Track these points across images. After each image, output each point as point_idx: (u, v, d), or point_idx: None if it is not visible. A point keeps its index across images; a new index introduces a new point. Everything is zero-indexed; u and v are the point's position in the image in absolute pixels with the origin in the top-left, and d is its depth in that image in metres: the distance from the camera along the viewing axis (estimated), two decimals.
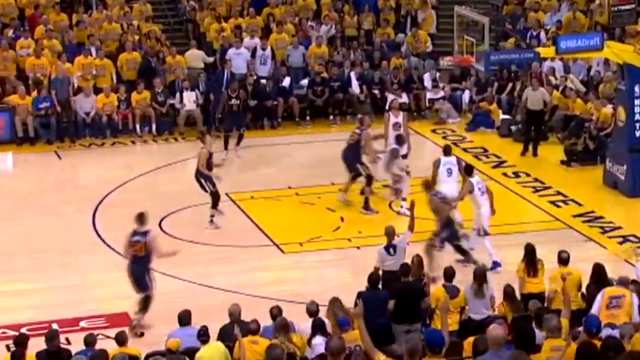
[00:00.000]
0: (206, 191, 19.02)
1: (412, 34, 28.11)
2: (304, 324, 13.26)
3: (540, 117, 23.83)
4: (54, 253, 18.24)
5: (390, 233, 15.50)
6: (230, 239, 18.62)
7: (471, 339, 11.32)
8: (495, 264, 17.09)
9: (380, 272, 14.77)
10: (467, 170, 18.03)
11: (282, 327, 12.58)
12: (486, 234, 17.32)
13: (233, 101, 23.06)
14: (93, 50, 26.06)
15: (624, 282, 13.42)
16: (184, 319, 13.22)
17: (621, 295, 12.94)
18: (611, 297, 12.93)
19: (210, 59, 26.76)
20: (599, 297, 12.95)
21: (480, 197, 17.47)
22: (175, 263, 17.56)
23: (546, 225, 19.74)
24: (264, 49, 26.86)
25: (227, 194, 20.76)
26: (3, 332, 15.13)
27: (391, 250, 15.24)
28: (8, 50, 25.57)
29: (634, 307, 12.94)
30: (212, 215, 19.13)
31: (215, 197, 19.07)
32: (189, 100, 25.36)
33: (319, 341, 12.43)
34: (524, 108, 23.96)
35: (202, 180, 19.01)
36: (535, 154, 23.57)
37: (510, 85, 26.76)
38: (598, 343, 10.44)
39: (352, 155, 19.94)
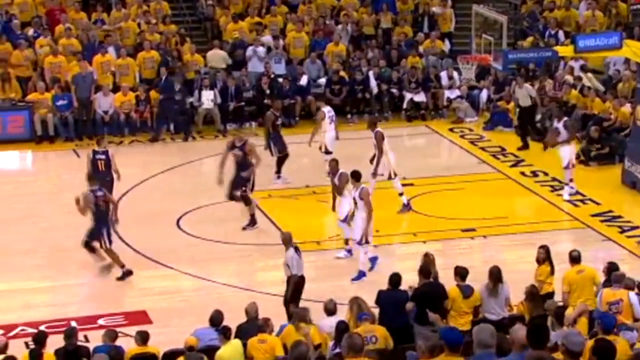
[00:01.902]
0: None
1: (430, 41, 28.06)
2: (322, 322, 13.28)
3: (530, 112, 24.14)
4: (73, 251, 18.24)
5: (287, 238, 15.35)
6: (248, 238, 18.65)
7: None
8: (361, 274, 16.96)
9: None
10: (356, 177, 17.38)
11: (301, 317, 12.79)
12: (367, 242, 17.00)
13: (280, 120, 22.12)
14: (111, 49, 26.14)
15: (617, 279, 13.40)
16: (216, 320, 13.20)
17: (618, 300, 12.97)
18: (610, 304, 12.93)
19: (229, 61, 26.79)
20: (598, 302, 12.99)
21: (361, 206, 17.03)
22: (193, 261, 17.65)
23: (564, 224, 19.69)
24: (279, 48, 26.91)
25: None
26: (22, 330, 15.18)
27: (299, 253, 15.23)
28: (28, 49, 25.68)
29: (635, 306, 12.98)
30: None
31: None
32: (207, 98, 25.41)
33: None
34: (517, 106, 24.45)
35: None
36: (526, 146, 23.80)
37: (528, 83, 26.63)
38: (614, 339, 10.41)
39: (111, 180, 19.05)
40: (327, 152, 21.12)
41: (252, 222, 19.06)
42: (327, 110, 21.76)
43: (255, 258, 18.07)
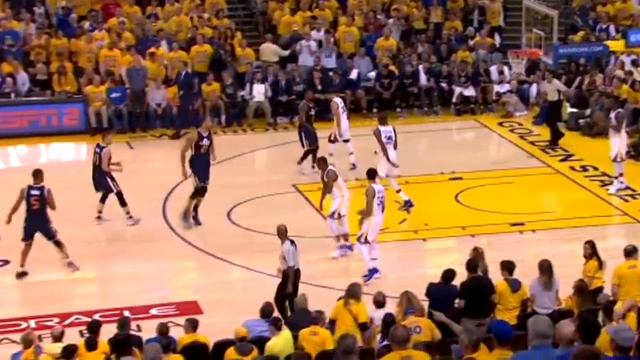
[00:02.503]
0: None
1: (479, 37, 27.92)
2: (371, 314, 13.30)
3: (558, 107, 23.99)
4: (126, 241, 18.48)
5: (283, 231, 15.35)
6: (297, 230, 18.67)
7: None
8: (372, 272, 16.74)
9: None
10: (370, 175, 17.13)
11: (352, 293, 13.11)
12: (367, 242, 16.67)
13: (312, 112, 22.13)
14: (164, 43, 26.33)
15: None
16: (267, 311, 13.25)
17: None
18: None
19: (285, 53, 26.86)
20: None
21: (377, 207, 16.69)
22: (243, 253, 17.72)
23: (613, 219, 19.52)
24: (329, 42, 26.94)
25: (293, 185, 20.90)
26: (77, 319, 15.33)
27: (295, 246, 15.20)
28: (84, 42, 25.95)
29: None
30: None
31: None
32: (259, 92, 25.49)
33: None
34: (545, 101, 24.40)
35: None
36: (553, 142, 23.62)
37: (578, 78, 26.45)
38: None
39: (100, 176, 18.87)
40: (346, 141, 21.69)
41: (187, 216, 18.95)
42: (339, 100, 22.19)
43: (304, 250, 18.05)
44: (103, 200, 19.11)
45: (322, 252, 17.73)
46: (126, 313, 14.82)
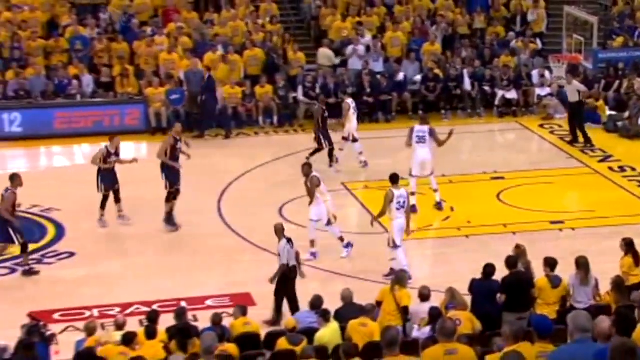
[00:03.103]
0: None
1: (522, 42, 27.72)
2: (416, 307, 13.28)
3: (578, 108, 23.69)
4: (183, 236, 18.57)
5: (280, 229, 15.26)
6: (346, 226, 18.69)
7: None
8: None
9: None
10: (393, 180, 16.85)
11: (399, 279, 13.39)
12: (395, 246, 16.40)
13: (327, 114, 22.03)
14: (220, 47, 26.46)
15: None
16: (316, 303, 13.26)
17: None
18: None
19: (336, 61, 26.88)
20: None
21: (397, 211, 16.46)
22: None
23: None
24: (377, 47, 26.92)
25: (342, 183, 20.91)
26: (137, 309, 15.46)
27: (291, 244, 15.12)
28: (144, 46, 26.17)
29: None
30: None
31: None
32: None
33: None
34: (566, 102, 24.22)
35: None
36: (587, 141, 23.40)
37: (617, 82, 26.21)
38: None
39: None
40: (354, 140, 21.71)
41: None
42: (351, 101, 22.21)
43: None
44: (117, 200, 18.91)
45: (368, 247, 17.69)
46: (183, 304, 14.90)
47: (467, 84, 26.32)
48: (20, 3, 27.33)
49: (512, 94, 26.32)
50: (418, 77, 26.57)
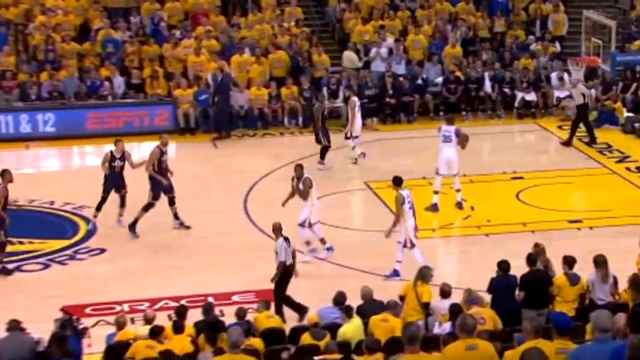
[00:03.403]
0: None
1: (541, 45, 27.60)
2: (437, 303, 13.26)
3: (583, 110, 23.55)
4: (210, 233, 18.61)
5: (277, 228, 15.19)
6: (371, 225, 18.69)
7: None
8: (395, 274, 16.39)
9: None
10: (397, 182, 16.68)
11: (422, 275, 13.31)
12: (413, 245, 16.33)
13: (326, 112, 22.45)
14: (247, 49, 26.50)
15: None
16: (340, 299, 13.27)
17: None
18: None
19: (359, 64, 26.87)
20: None
21: (408, 211, 16.38)
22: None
23: None
24: (399, 50, 26.88)
25: (365, 183, 20.90)
26: (165, 303, 15.52)
27: (288, 242, 15.05)
28: (173, 48, 26.26)
29: None
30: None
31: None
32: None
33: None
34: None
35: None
36: (593, 141, 23.33)
37: (634, 85, 26.05)
38: None
39: None
40: (355, 137, 22.04)
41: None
42: (356, 99, 22.38)
43: (372, 243, 18.02)
44: (122, 204, 18.65)
45: (391, 245, 17.65)
46: (210, 299, 14.94)
47: (488, 86, 26.25)
48: (54, 7, 27.48)
49: (531, 96, 26.23)
50: (439, 79, 26.53)
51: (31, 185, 20.85)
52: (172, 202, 18.56)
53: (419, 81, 26.25)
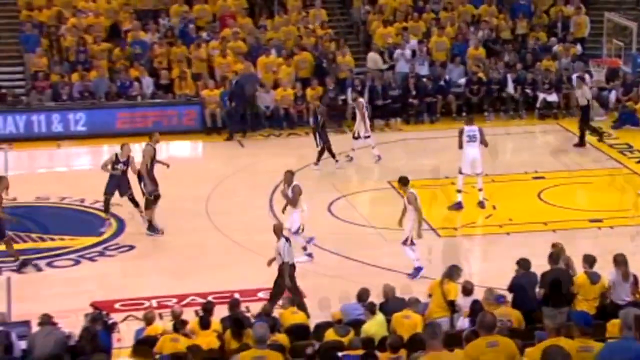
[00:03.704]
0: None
1: (563, 47, 27.46)
2: (459, 301, 13.23)
3: (586, 112, 23.38)
4: (235, 231, 18.64)
5: (278, 229, 15.14)
6: (393, 223, 18.63)
7: (615, 321, 10.98)
8: (418, 270, 16.37)
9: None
10: (404, 182, 16.69)
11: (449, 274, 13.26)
12: (413, 244, 16.37)
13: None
14: (273, 51, 26.53)
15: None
16: (363, 296, 13.26)
17: None
18: None
19: (384, 66, 26.82)
20: None
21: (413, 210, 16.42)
22: (341, 243, 17.76)
23: None
24: (423, 51, 26.83)
25: (388, 182, 20.87)
26: (192, 299, 15.58)
27: (289, 242, 14.99)
28: (201, 50, 26.33)
29: None
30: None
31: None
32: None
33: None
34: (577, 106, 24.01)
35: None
36: (582, 144, 23.21)
37: None
38: None
39: None
40: (366, 137, 22.06)
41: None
42: (364, 101, 22.66)
43: (392, 241, 17.96)
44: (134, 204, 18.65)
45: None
46: (236, 295, 14.96)
47: (511, 87, 26.16)
48: (85, 9, 27.62)
49: (553, 97, 26.12)
50: (462, 80, 26.46)
51: (62, 183, 21.01)
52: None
53: (442, 82, 26.22)
